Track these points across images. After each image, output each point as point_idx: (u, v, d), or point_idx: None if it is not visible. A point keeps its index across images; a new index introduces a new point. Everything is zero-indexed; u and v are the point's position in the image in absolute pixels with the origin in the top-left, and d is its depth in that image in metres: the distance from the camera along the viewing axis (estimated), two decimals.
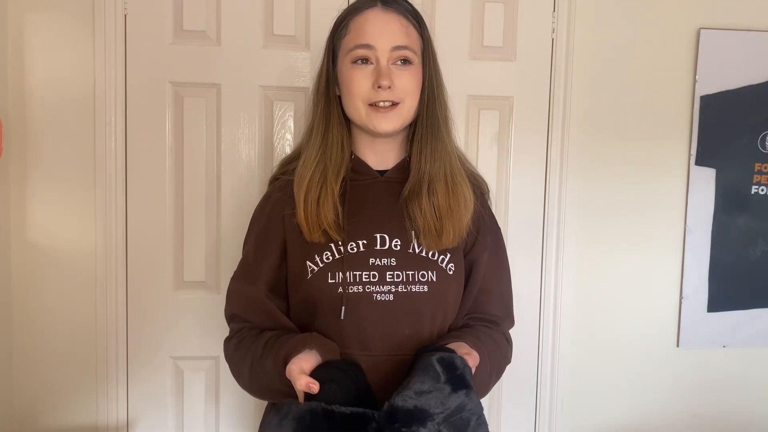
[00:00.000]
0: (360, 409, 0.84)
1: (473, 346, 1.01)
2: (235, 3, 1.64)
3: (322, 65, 1.07)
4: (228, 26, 1.64)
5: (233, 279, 1.15)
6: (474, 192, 1.10)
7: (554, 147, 1.77)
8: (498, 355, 1.09)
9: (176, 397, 1.72)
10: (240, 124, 1.67)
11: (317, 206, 1.01)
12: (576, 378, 1.84)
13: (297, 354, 0.94)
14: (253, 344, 1.03)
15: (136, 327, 1.68)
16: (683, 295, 1.86)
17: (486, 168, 1.77)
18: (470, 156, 1.76)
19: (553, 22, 1.75)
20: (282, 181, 1.11)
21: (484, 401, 1.79)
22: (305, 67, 1.67)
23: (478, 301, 1.12)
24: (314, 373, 0.90)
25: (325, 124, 1.04)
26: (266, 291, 1.07)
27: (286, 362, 0.94)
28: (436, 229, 1.02)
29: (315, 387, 0.86)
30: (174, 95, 1.65)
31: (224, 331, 1.74)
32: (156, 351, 1.70)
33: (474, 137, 1.76)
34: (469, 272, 1.10)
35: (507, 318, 1.17)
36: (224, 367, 1.72)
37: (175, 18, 1.63)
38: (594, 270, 1.83)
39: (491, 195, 1.22)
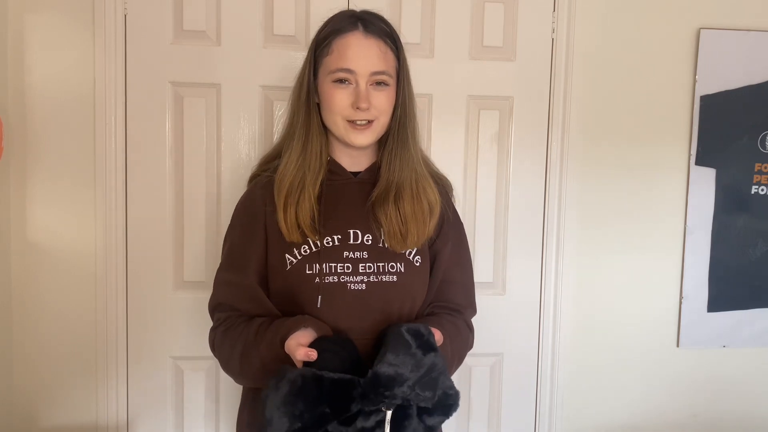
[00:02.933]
0: (347, 376, 0.93)
1: None
2: (235, 3, 1.64)
3: (303, 74, 1.13)
4: (228, 26, 1.64)
5: (220, 270, 1.19)
6: (439, 191, 1.18)
7: (554, 146, 1.77)
8: (459, 341, 1.16)
9: (176, 397, 1.72)
10: (240, 124, 1.67)
11: (296, 209, 1.09)
12: (576, 378, 1.84)
13: (294, 332, 1.00)
14: (245, 330, 1.08)
15: (136, 327, 1.68)
16: (683, 295, 1.86)
17: (486, 168, 1.77)
18: (470, 156, 1.76)
19: (553, 22, 1.75)
20: (263, 179, 1.18)
21: (484, 398, 1.80)
22: None
23: (441, 290, 1.19)
24: (312, 345, 0.97)
25: (306, 133, 1.11)
26: (256, 279, 1.13)
27: (282, 342, 1.00)
28: (401, 233, 1.11)
29: (313, 354, 0.93)
30: (174, 95, 1.65)
31: None
32: (156, 351, 1.70)
33: (474, 137, 1.76)
34: (432, 263, 1.18)
35: (469, 306, 1.24)
36: None
37: (175, 18, 1.63)
38: (594, 270, 1.83)
39: (455, 192, 1.30)
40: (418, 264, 1.14)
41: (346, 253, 1.10)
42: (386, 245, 1.12)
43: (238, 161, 1.68)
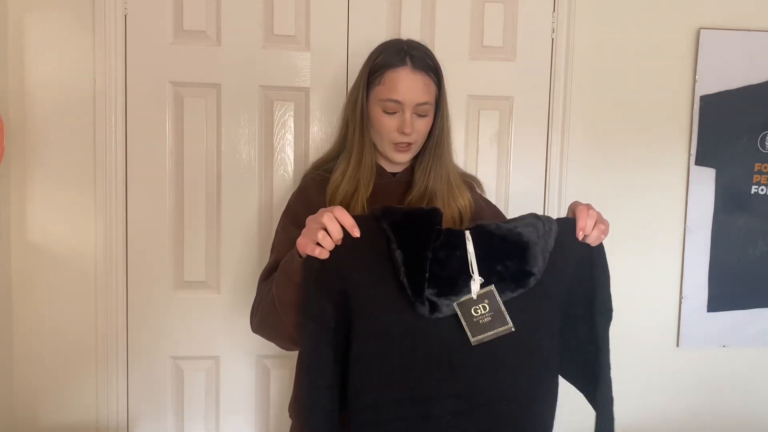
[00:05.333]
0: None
1: None
2: (235, 3, 1.64)
3: (357, 97, 1.26)
4: (228, 26, 1.64)
5: (282, 231, 1.27)
6: (468, 187, 1.35)
7: (554, 147, 1.77)
8: None
9: (176, 397, 1.72)
10: (240, 124, 1.67)
11: (347, 209, 1.19)
12: None
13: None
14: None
15: (136, 327, 1.68)
16: (683, 295, 1.86)
17: (486, 168, 1.77)
18: (470, 156, 1.76)
19: (553, 22, 1.75)
20: (318, 176, 1.32)
21: None
22: (305, 67, 1.67)
23: None
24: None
25: (361, 149, 1.26)
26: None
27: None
28: None
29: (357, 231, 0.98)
30: (174, 95, 1.65)
31: (224, 330, 1.75)
32: (156, 351, 1.70)
33: (474, 137, 1.76)
34: None
35: None
36: (224, 367, 1.72)
37: (175, 18, 1.63)
38: None
39: (483, 186, 1.45)
40: None
41: None
42: None
43: (238, 161, 1.68)
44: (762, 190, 1.85)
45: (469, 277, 0.94)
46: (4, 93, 1.57)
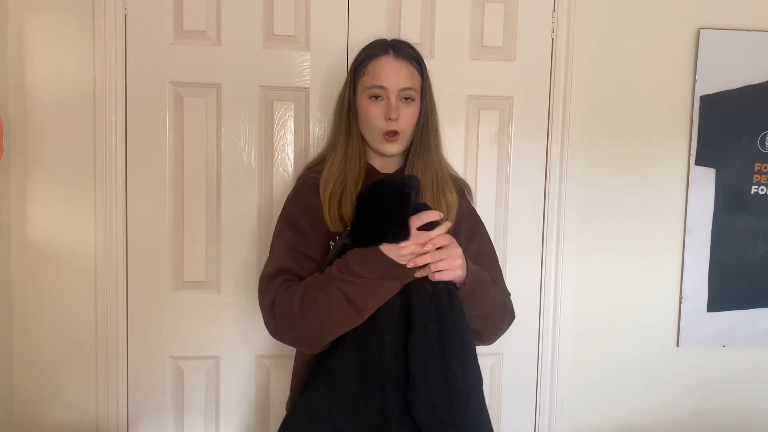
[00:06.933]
0: None
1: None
2: (235, 3, 1.64)
3: (344, 92, 1.32)
4: (228, 26, 1.64)
5: (280, 237, 1.29)
6: (456, 191, 1.36)
7: (554, 146, 1.77)
8: (497, 290, 1.30)
9: (176, 397, 1.72)
10: (240, 124, 1.67)
11: (338, 205, 1.26)
12: (576, 378, 1.84)
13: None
14: (309, 280, 1.19)
15: (136, 327, 1.68)
16: (683, 295, 1.86)
17: (486, 168, 1.77)
18: (470, 156, 1.76)
19: (553, 22, 1.75)
20: (310, 179, 1.34)
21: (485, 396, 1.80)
22: (305, 67, 1.67)
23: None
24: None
25: (347, 142, 1.30)
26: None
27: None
28: None
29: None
30: (174, 95, 1.65)
31: (224, 330, 1.74)
32: (156, 351, 1.70)
33: (474, 137, 1.76)
34: None
35: (499, 281, 1.37)
36: (224, 367, 1.72)
37: (175, 18, 1.63)
38: (594, 270, 1.83)
39: (473, 193, 1.48)
40: None
41: None
42: None
43: (238, 161, 1.68)
44: (762, 190, 1.85)
45: None
46: (4, 93, 1.57)
